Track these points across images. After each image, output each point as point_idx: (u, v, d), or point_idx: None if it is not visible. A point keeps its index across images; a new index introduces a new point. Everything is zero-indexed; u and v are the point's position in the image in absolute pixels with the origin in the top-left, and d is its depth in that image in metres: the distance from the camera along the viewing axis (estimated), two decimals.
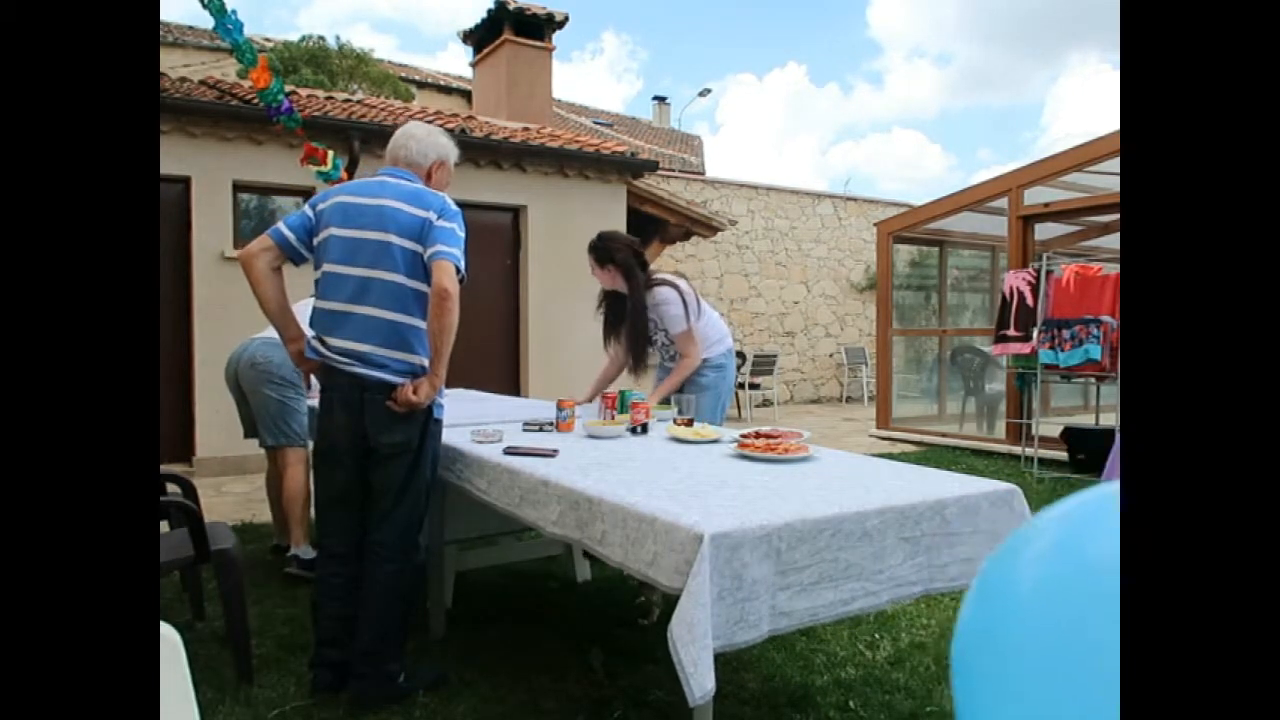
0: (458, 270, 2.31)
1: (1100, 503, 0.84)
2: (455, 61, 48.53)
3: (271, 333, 3.41)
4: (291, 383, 3.52)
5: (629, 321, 3.37)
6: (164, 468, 3.27)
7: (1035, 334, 6.13)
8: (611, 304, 3.49)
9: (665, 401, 3.26)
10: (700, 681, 1.50)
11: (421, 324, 2.38)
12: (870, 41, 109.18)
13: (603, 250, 3.35)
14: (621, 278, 3.34)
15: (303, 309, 2.59)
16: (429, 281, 2.32)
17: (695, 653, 1.51)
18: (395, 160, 2.53)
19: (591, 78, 54.21)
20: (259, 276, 2.42)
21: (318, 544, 2.52)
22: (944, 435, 7.81)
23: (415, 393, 2.33)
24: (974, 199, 7.59)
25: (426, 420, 2.40)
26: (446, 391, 2.71)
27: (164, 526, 2.77)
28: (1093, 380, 6.30)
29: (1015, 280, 6.46)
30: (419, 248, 2.34)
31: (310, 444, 3.41)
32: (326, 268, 2.40)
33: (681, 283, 3.41)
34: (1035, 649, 0.75)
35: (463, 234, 2.39)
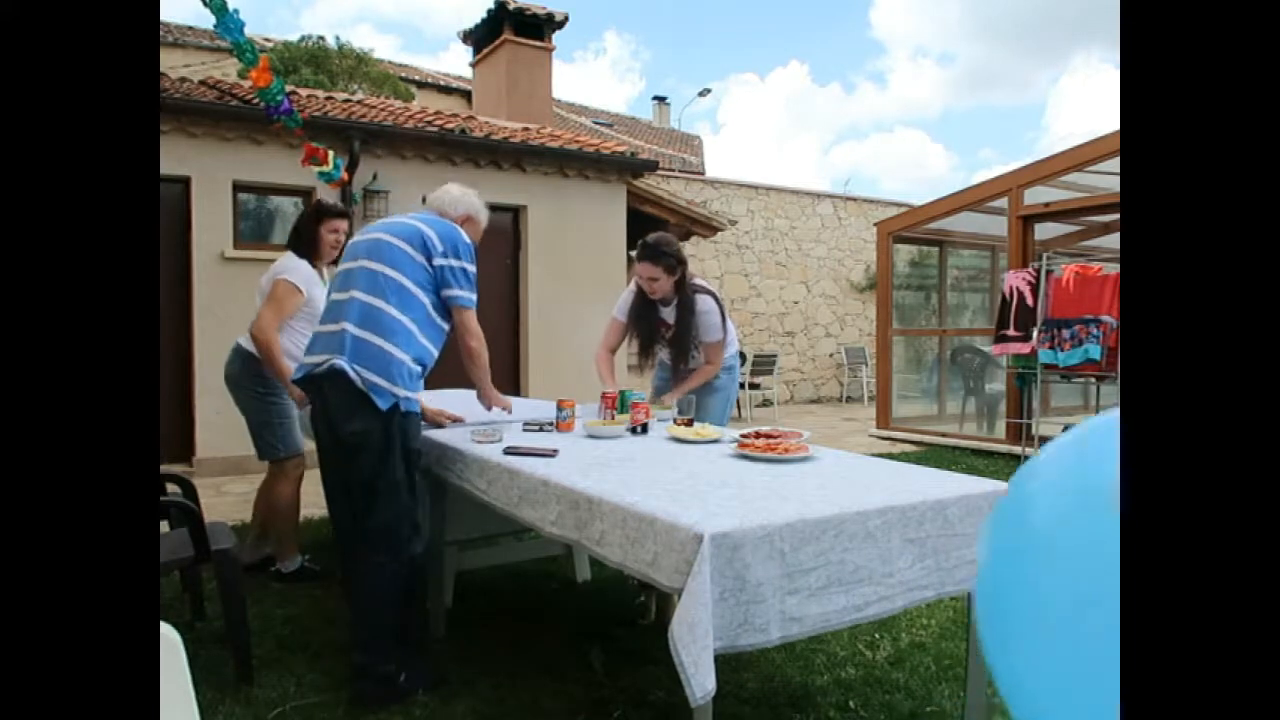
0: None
1: (1102, 429, 0.84)
2: (458, 62, 48.49)
3: (242, 340, 3.40)
4: (256, 391, 3.37)
5: (677, 330, 3.33)
6: (164, 468, 3.28)
7: (1035, 334, 6.13)
8: (646, 313, 3.39)
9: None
10: (701, 682, 1.50)
11: (397, 351, 2.44)
12: (873, 41, 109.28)
13: (674, 259, 3.25)
14: (674, 286, 3.29)
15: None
16: (432, 299, 2.55)
17: (696, 653, 1.51)
18: (429, 207, 2.80)
19: (594, 78, 54.28)
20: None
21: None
22: (944, 435, 7.81)
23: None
24: (974, 199, 7.59)
25: (392, 414, 2.39)
26: (445, 391, 2.73)
27: (164, 526, 2.77)
28: (1093, 380, 6.30)
29: (1015, 280, 6.46)
30: (420, 257, 2.52)
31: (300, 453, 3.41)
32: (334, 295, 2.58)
33: (714, 288, 3.44)
34: (1060, 579, 0.75)
35: (473, 267, 2.64)
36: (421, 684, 2.42)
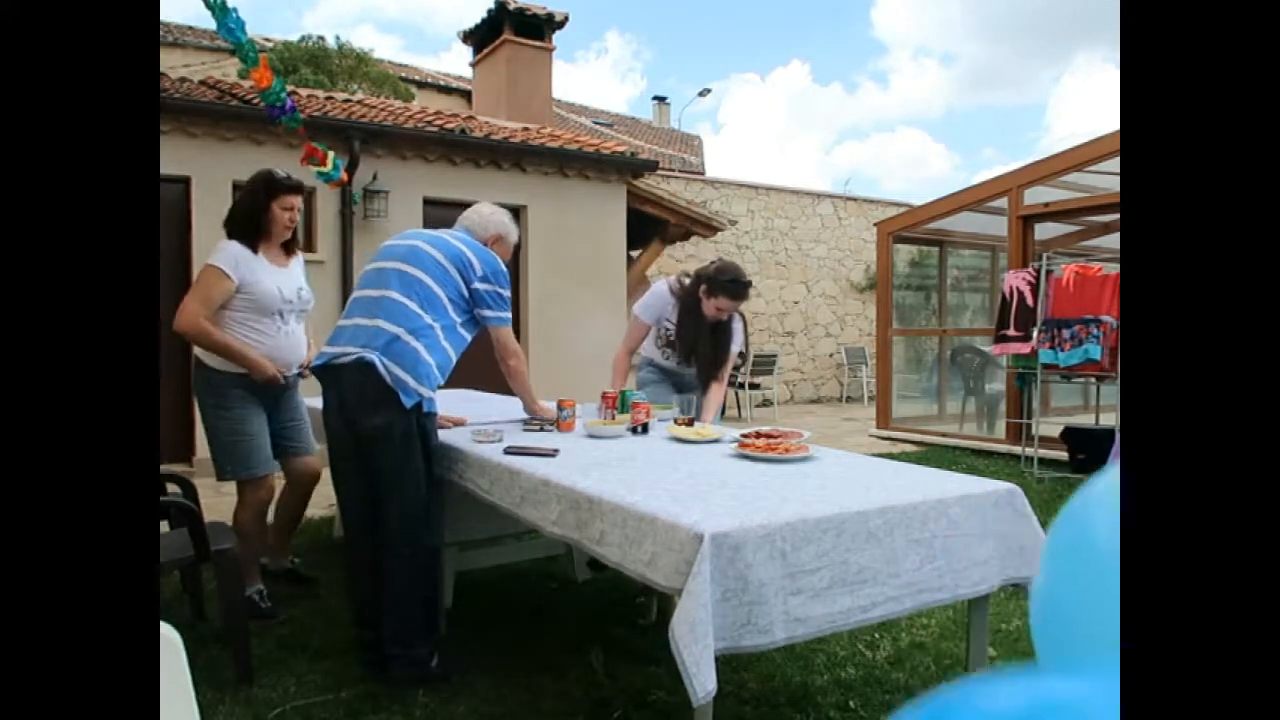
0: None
1: None
2: (459, 62, 48.47)
3: (197, 350, 2.99)
4: (207, 403, 2.97)
5: (714, 344, 3.45)
6: (164, 468, 3.24)
7: (1035, 334, 6.13)
8: (696, 330, 3.44)
9: (666, 402, 3.28)
10: (703, 682, 1.50)
11: (426, 354, 2.50)
12: (875, 41, 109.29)
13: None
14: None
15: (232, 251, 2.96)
16: (460, 314, 2.62)
17: (697, 653, 1.51)
18: (461, 225, 2.85)
19: (595, 78, 54.29)
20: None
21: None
22: (944, 435, 7.81)
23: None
24: (974, 199, 7.58)
25: (415, 411, 2.46)
26: (444, 391, 2.75)
27: (164, 526, 2.77)
28: (1093, 380, 6.30)
29: (1015, 280, 6.46)
30: (456, 275, 2.59)
31: (256, 474, 3.03)
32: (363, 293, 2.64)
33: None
34: (1113, 604, 0.72)
35: (508, 291, 2.72)
36: (457, 668, 2.51)
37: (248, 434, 2.97)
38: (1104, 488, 0.83)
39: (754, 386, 10.43)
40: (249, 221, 3.00)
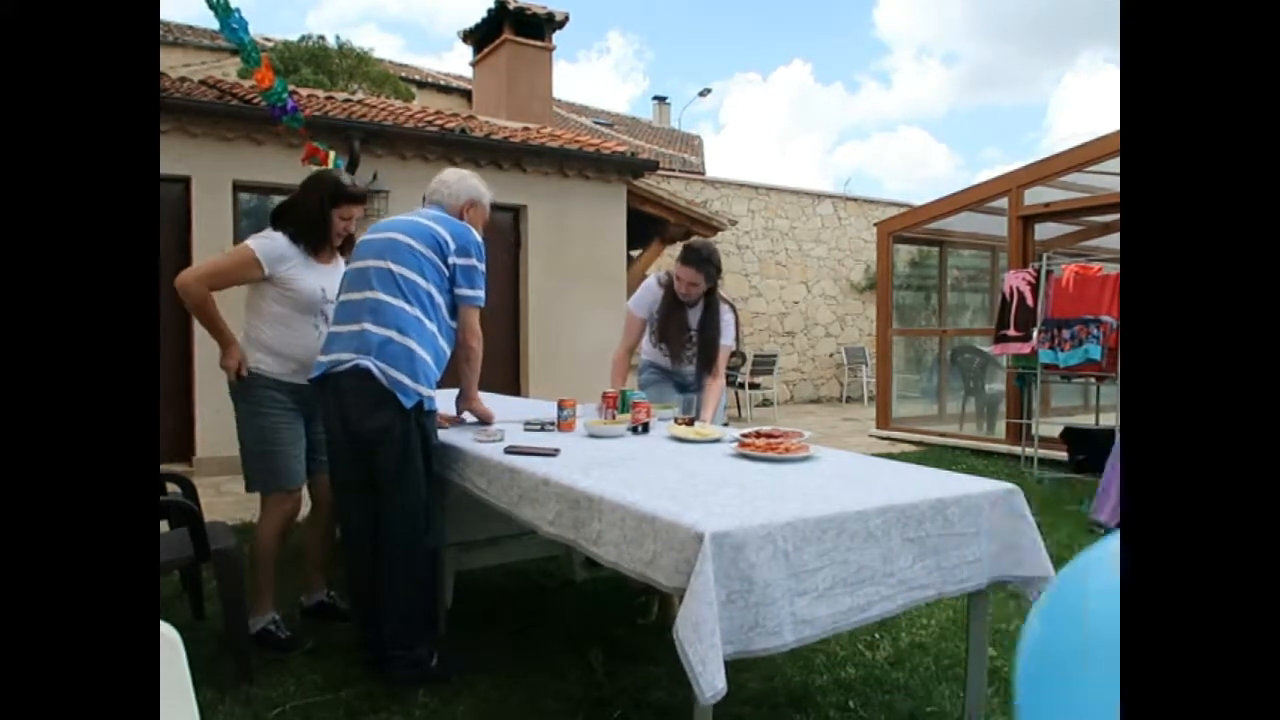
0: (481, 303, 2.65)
1: None
2: (461, 62, 48.51)
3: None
4: (236, 403, 2.82)
5: (703, 335, 3.47)
6: (164, 467, 3.22)
7: (1035, 334, 6.12)
8: (677, 315, 3.46)
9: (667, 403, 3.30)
10: (710, 680, 1.49)
11: (420, 349, 2.48)
12: (877, 41, 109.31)
13: (716, 270, 3.40)
14: (704, 292, 3.45)
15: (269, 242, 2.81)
16: (447, 299, 2.57)
17: (703, 651, 1.50)
18: (431, 201, 2.75)
19: (597, 78, 54.33)
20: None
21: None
22: (944, 435, 7.80)
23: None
24: (974, 199, 7.58)
25: (415, 410, 2.45)
26: (445, 391, 2.74)
27: (164, 526, 2.77)
28: (1093, 380, 6.30)
29: (1015, 280, 6.45)
30: (435, 257, 2.53)
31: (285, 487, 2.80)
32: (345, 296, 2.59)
33: (729, 298, 3.61)
34: (1108, 674, 0.70)
35: (483, 265, 2.64)
36: (457, 668, 2.50)
37: (280, 444, 2.76)
38: (1103, 553, 0.80)
39: (754, 386, 10.43)
40: (306, 226, 2.85)
